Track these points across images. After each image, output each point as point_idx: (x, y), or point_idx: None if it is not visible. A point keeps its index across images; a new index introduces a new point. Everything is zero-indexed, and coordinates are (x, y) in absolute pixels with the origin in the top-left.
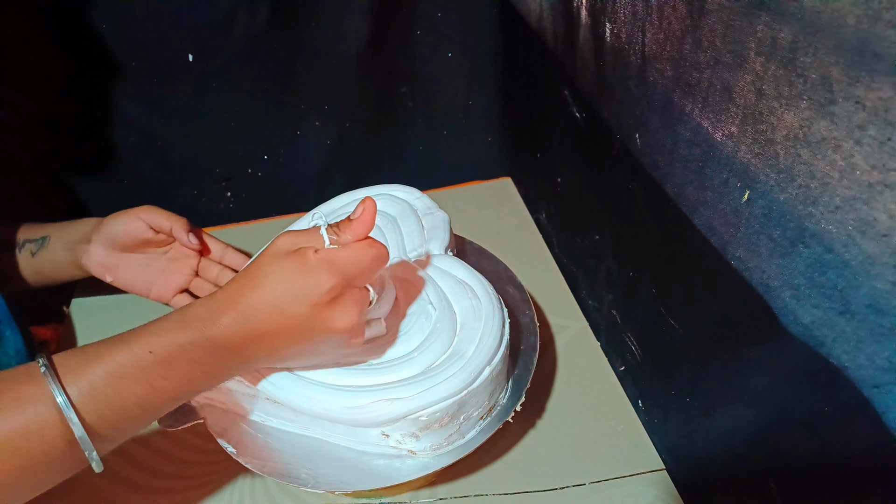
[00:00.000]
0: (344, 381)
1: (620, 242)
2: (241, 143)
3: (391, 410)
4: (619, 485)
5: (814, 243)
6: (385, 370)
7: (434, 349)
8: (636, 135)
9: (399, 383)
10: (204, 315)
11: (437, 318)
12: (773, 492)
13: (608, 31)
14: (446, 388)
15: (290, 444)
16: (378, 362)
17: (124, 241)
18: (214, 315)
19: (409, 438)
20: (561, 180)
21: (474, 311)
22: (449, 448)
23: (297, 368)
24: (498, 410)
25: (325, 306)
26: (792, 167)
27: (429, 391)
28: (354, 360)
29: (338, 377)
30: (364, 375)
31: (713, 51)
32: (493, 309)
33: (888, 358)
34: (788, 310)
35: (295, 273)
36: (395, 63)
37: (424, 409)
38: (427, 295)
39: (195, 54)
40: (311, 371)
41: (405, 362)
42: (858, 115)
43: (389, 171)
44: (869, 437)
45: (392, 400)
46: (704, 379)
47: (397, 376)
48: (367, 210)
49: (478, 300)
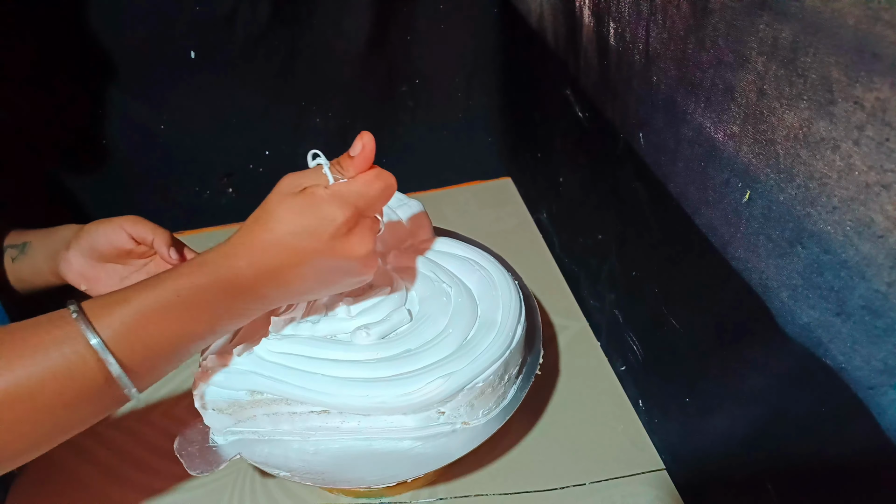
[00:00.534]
0: (390, 372)
1: (623, 242)
2: (242, 139)
3: (450, 385)
4: (619, 485)
5: (811, 244)
6: (425, 352)
7: (463, 324)
8: (640, 134)
9: (445, 360)
10: (218, 259)
11: (455, 294)
12: (770, 492)
13: (612, 30)
14: (491, 353)
15: (332, 457)
16: (416, 347)
17: (104, 251)
18: (229, 259)
19: (465, 409)
20: (563, 180)
21: (487, 282)
22: (497, 410)
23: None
24: (525, 368)
25: (343, 238)
26: (791, 167)
27: (477, 359)
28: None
29: (382, 370)
30: (407, 363)
31: (716, 50)
32: (502, 274)
33: (883, 359)
34: (786, 310)
35: (306, 210)
36: (395, 62)
37: (479, 376)
38: (437, 276)
39: (196, 51)
40: (356, 371)
41: (441, 341)
42: (857, 116)
43: (389, 169)
44: (864, 438)
45: (449, 375)
46: (704, 379)
47: (440, 355)
48: (366, 145)
49: (485, 270)
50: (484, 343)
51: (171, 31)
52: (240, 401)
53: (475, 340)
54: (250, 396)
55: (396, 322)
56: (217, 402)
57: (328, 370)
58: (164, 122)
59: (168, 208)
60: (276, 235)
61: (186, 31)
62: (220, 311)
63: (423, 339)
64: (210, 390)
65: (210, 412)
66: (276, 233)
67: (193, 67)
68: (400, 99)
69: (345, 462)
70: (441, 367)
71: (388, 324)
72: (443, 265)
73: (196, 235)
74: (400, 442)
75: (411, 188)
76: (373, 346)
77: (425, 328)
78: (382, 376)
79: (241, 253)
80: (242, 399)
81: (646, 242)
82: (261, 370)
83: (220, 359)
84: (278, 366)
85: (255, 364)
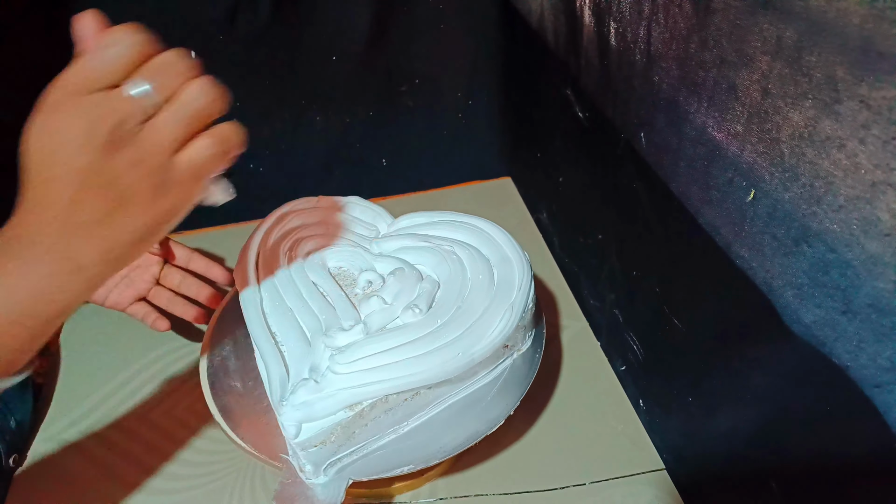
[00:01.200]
0: (458, 330)
1: (624, 242)
2: None
3: (513, 315)
4: (620, 484)
5: (817, 243)
6: (473, 301)
7: (485, 268)
8: (641, 134)
9: (494, 300)
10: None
11: (458, 249)
12: (773, 491)
13: (613, 30)
14: (526, 281)
15: (430, 432)
16: (463, 302)
17: None
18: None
19: (520, 334)
20: (563, 180)
21: (472, 230)
22: (540, 328)
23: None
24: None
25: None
26: (797, 166)
27: (521, 288)
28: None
29: (451, 332)
30: (465, 315)
31: (719, 49)
32: (483, 223)
33: (889, 358)
34: (791, 309)
35: (44, 125)
36: (395, 61)
37: (528, 303)
38: (432, 242)
39: (196, 51)
40: (428, 344)
41: (479, 288)
42: (863, 115)
43: (389, 168)
44: (870, 437)
45: (510, 307)
46: (706, 378)
47: (486, 298)
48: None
49: (464, 222)
50: (514, 276)
51: (171, 32)
52: (342, 421)
53: (504, 276)
54: (351, 412)
55: (431, 290)
56: (318, 436)
57: (404, 355)
58: None
59: None
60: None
61: (187, 31)
62: (28, 285)
63: (462, 293)
64: (307, 428)
65: (311, 451)
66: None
67: None
68: (400, 99)
69: (443, 431)
70: (495, 306)
71: (426, 295)
72: (427, 234)
73: (196, 235)
74: (481, 387)
75: (411, 188)
76: (428, 317)
77: (458, 284)
78: (454, 336)
79: (17, 210)
80: (344, 419)
81: (646, 242)
82: (348, 384)
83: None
84: (360, 372)
85: (338, 382)
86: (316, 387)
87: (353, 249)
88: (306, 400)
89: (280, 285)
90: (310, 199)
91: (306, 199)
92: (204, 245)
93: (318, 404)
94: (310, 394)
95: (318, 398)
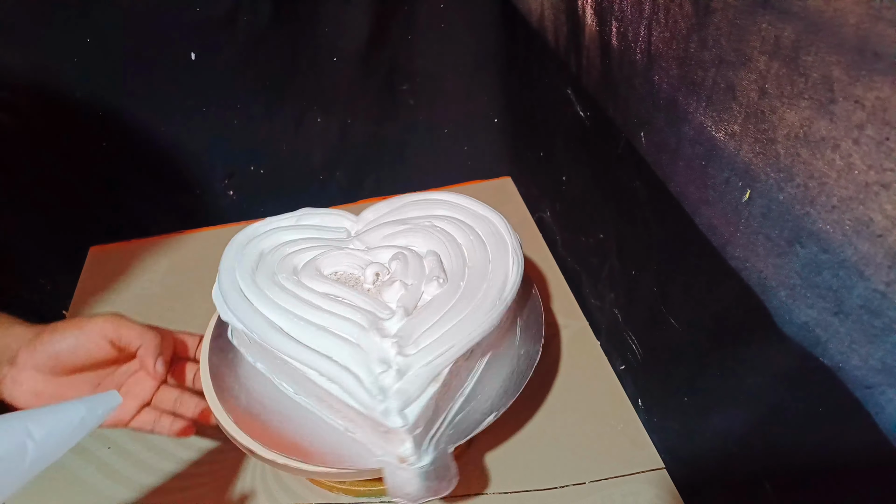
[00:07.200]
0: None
1: (623, 241)
2: (243, 140)
3: (518, 255)
4: (619, 484)
5: (810, 243)
6: (477, 264)
7: (472, 234)
8: (641, 133)
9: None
10: None
11: (446, 224)
12: (768, 491)
13: (614, 29)
14: (508, 225)
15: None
16: (472, 267)
17: (73, 365)
18: None
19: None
20: (563, 179)
21: (443, 205)
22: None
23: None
24: None
25: None
26: (791, 166)
27: (511, 234)
28: None
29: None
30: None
31: (718, 49)
32: (443, 195)
33: (881, 359)
34: (784, 309)
35: None
36: (396, 61)
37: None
38: (421, 224)
39: (197, 52)
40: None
41: (471, 251)
42: (857, 115)
43: (390, 168)
44: (862, 437)
45: (512, 250)
46: (703, 378)
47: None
48: None
49: (431, 199)
50: (497, 227)
51: (171, 33)
52: (433, 395)
53: (489, 230)
54: (437, 383)
55: (438, 261)
56: (422, 414)
57: (454, 319)
58: (165, 123)
59: (169, 209)
60: None
61: (187, 32)
62: None
63: (463, 255)
64: (410, 412)
65: (418, 433)
66: None
67: (194, 69)
68: (401, 97)
69: (491, 383)
70: (498, 256)
71: (438, 266)
72: (400, 217)
73: (196, 235)
74: (508, 338)
75: (411, 188)
76: (450, 285)
77: (456, 250)
78: (482, 290)
79: None
80: (434, 391)
81: (646, 242)
82: (424, 359)
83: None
84: (428, 346)
85: (416, 361)
86: (398, 373)
87: (340, 252)
88: (398, 388)
89: (292, 308)
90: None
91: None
92: (204, 245)
93: (409, 387)
94: (397, 381)
95: (406, 382)
